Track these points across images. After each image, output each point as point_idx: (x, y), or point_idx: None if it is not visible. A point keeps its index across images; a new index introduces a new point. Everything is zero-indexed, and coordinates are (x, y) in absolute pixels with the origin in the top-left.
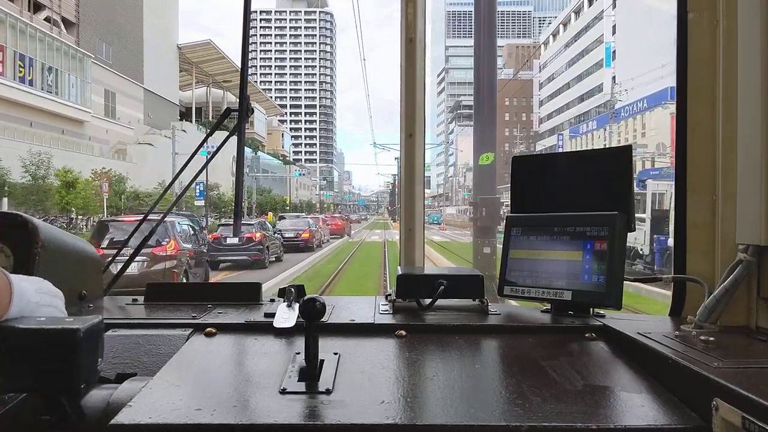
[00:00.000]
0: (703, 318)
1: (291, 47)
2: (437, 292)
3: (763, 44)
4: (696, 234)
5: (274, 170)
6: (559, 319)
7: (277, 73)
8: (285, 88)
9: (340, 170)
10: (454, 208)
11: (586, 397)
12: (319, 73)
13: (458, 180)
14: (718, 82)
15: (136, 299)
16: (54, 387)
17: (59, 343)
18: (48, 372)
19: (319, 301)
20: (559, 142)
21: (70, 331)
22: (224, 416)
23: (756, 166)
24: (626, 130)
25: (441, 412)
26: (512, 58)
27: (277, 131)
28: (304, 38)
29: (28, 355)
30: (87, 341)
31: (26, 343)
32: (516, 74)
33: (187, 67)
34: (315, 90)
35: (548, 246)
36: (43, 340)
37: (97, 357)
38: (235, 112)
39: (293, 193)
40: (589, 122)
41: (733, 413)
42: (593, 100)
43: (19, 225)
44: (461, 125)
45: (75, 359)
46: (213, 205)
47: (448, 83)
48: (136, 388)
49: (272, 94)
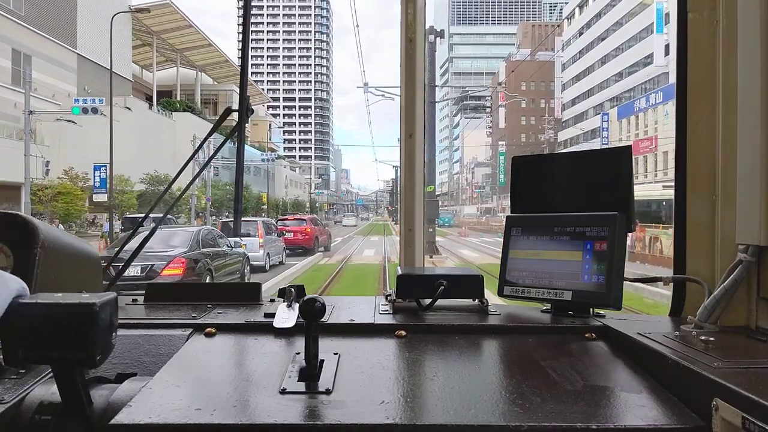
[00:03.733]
0: (703, 318)
1: (284, 36)
2: (437, 292)
3: (763, 44)
4: (696, 234)
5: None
6: (559, 319)
7: (270, 63)
8: (278, 80)
9: (338, 168)
10: (473, 207)
11: (586, 397)
12: (315, 64)
13: (465, 177)
14: (718, 82)
15: (136, 299)
16: (72, 357)
17: (77, 316)
18: (67, 344)
19: (319, 301)
20: (603, 124)
21: (87, 305)
22: (224, 416)
23: (756, 166)
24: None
25: (441, 412)
26: (528, 38)
27: (264, 121)
28: (298, 26)
29: (48, 329)
30: (102, 315)
31: (46, 317)
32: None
33: (147, 39)
34: (310, 82)
35: (548, 246)
36: (62, 314)
37: (112, 330)
38: (235, 111)
39: (282, 190)
40: (651, 95)
41: (733, 413)
42: (639, 76)
43: (19, 225)
44: (468, 117)
45: (92, 332)
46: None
47: (453, 74)
48: (136, 388)
49: (264, 86)
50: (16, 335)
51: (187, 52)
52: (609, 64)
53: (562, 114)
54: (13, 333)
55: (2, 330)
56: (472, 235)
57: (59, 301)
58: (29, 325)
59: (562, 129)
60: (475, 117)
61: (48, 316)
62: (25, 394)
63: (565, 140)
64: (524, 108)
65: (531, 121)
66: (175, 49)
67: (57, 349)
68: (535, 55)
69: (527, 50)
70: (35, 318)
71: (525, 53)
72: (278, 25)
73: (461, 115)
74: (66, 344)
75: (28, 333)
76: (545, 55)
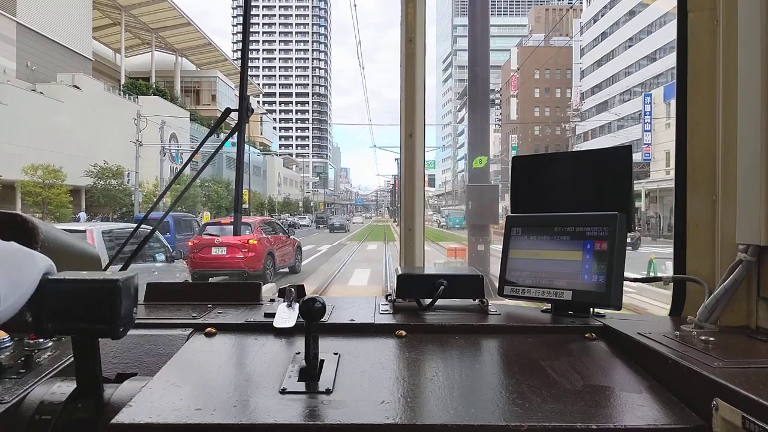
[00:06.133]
0: (703, 318)
1: (281, 28)
2: (437, 292)
3: (763, 44)
4: (696, 234)
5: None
6: (559, 319)
7: (266, 57)
8: (274, 74)
9: (336, 166)
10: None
11: (586, 397)
12: (312, 57)
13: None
14: (718, 82)
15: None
16: (97, 329)
17: (102, 291)
18: (92, 317)
19: (319, 301)
20: (645, 107)
21: (111, 281)
22: (224, 416)
23: (756, 166)
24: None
25: (441, 412)
26: (540, 23)
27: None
28: (295, 18)
29: (75, 303)
30: (125, 291)
31: (74, 292)
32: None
33: (117, 17)
34: (307, 76)
35: (548, 246)
36: (88, 289)
37: (133, 306)
38: (235, 111)
39: (275, 189)
40: None
41: (733, 413)
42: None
43: (19, 225)
44: None
45: (115, 306)
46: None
47: (456, 67)
48: (136, 388)
49: (260, 80)
50: (45, 309)
51: (164, 32)
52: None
53: (582, 103)
54: (42, 307)
55: (33, 304)
56: (499, 242)
57: (86, 278)
58: (58, 299)
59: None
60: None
61: (75, 291)
62: (25, 394)
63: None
64: (538, 98)
65: (545, 113)
66: (149, 29)
67: (83, 321)
68: (549, 41)
69: (540, 36)
70: (63, 293)
71: (538, 39)
72: (274, 17)
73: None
74: (91, 317)
75: (57, 307)
76: (560, 40)
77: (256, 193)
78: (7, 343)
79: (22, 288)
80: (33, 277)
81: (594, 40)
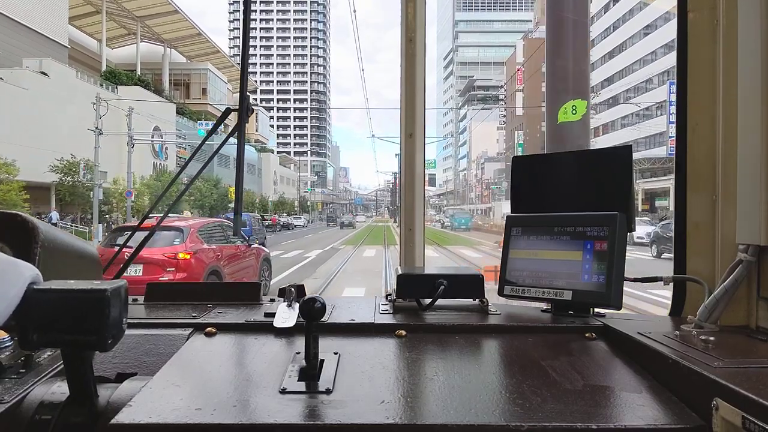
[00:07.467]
0: (703, 318)
1: (279, 24)
2: (437, 292)
3: (763, 44)
4: (696, 234)
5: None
6: (559, 319)
7: (263, 54)
8: (272, 71)
9: (336, 166)
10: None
11: (586, 397)
12: (311, 54)
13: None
14: (718, 82)
15: (136, 299)
16: (84, 341)
17: (90, 301)
18: (79, 328)
19: (320, 301)
20: (669, 97)
21: (99, 291)
22: (224, 416)
23: (756, 166)
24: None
25: (441, 412)
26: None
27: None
28: (293, 14)
29: (61, 314)
30: (113, 300)
31: (60, 302)
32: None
33: (98, 4)
34: (306, 73)
35: (548, 246)
36: (75, 300)
37: (123, 316)
38: (235, 111)
39: (270, 188)
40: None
41: (733, 413)
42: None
43: (19, 224)
44: (475, 109)
45: (103, 316)
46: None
47: (458, 63)
48: (136, 388)
49: (257, 78)
50: (30, 320)
51: (151, 21)
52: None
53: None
54: (27, 318)
55: (18, 315)
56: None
57: (72, 288)
58: (43, 310)
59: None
60: (486, 108)
61: (61, 302)
62: (25, 394)
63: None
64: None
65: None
66: (134, 17)
67: (70, 333)
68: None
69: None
70: (49, 303)
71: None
72: (272, 12)
73: (468, 106)
74: (78, 328)
75: (42, 318)
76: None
77: (249, 191)
78: (7, 343)
79: (6, 299)
80: (18, 286)
81: (604, 32)
